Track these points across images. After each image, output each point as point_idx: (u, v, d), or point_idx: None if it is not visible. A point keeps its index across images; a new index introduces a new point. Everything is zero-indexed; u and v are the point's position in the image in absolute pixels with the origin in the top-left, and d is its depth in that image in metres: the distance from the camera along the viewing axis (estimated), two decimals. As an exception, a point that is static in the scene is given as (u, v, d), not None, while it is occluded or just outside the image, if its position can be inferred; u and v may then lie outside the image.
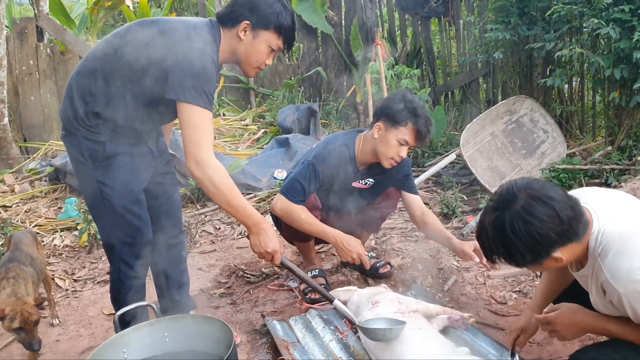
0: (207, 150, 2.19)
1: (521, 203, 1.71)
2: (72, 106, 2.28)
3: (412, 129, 2.88)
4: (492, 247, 1.80)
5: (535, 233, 1.68)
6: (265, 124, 7.66)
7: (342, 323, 2.79)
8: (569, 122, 6.04)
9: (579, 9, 4.76)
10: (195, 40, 2.18)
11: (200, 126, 2.17)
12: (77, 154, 2.31)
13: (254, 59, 2.36)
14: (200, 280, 3.61)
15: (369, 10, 8.20)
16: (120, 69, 2.21)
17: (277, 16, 2.29)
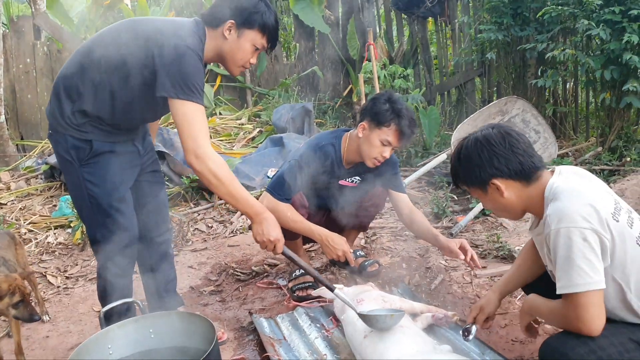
0: (205, 144, 2.22)
1: (484, 132, 1.99)
2: (59, 105, 2.31)
3: (395, 130, 2.91)
4: (452, 164, 2.09)
5: (481, 153, 1.94)
6: (260, 123, 7.69)
7: (328, 321, 2.83)
8: (563, 123, 6.08)
9: (570, 10, 4.79)
10: (182, 38, 2.21)
11: (195, 120, 2.20)
12: (64, 153, 2.34)
13: (239, 57, 2.39)
14: (190, 277, 3.65)
15: (366, 10, 8.24)
16: (107, 68, 2.24)
17: (261, 15, 2.32)
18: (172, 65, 2.16)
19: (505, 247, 3.59)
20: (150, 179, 2.67)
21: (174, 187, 5.29)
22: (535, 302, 2.03)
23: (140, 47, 2.21)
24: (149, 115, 2.49)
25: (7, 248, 2.93)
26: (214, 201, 5.12)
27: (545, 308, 1.95)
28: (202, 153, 2.20)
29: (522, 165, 1.91)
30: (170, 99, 2.18)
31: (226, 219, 4.81)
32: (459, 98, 7.50)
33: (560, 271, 1.75)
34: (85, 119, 2.29)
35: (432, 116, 6.27)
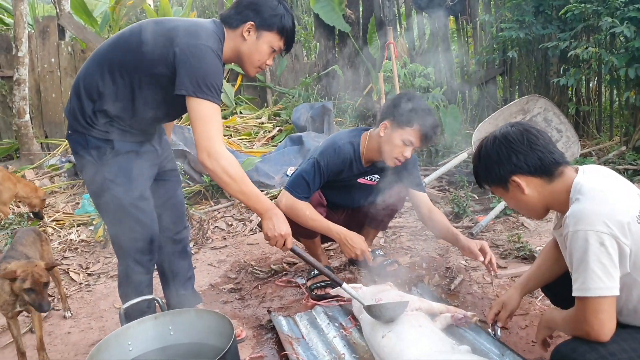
0: (219, 143, 2.24)
1: (503, 130, 1.98)
2: (80, 105, 2.33)
3: (418, 131, 2.88)
4: (474, 164, 2.07)
5: (499, 150, 1.94)
6: (280, 122, 7.71)
7: (346, 320, 2.83)
8: (586, 122, 5.99)
9: (593, 7, 4.72)
10: (203, 38, 2.23)
11: (211, 120, 2.22)
12: (84, 153, 2.37)
13: (257, 58, 2.42)
14: (210, 275, 3.67)
15: (386, 9, 8.20)
16: (127, 68, 2.27)
17: (280, 18, 2.36)
18: (192, 64, 2.18)
19: (526, 247, 3.55)
20: (167, 177, 2.71)
21: (194, 185, 5.33)
22: (552, 314, 2.03)
23: (160, 47, 2.23)
24: (169, 114, 2.52)
25: (32, 245, 2.97)
26: (234, 199, 5.14)
27: (560, 318, 1.94)
28: (215, 152, 2.21)
29: (541, 161, 1.88)
30: (188, 97, 2.20)
31: (246, 217, 4.83)
32: (480, 97, 7.43)
33: (575, 274, 1.72)
34: (106, 119, 2.31)
35: (453, 115, 6.23)
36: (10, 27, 8.53)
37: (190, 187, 5.30)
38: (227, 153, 2.25)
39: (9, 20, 9.35)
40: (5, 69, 7.41)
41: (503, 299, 2.37)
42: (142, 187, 2.44)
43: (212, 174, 2.26)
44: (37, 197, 4.76)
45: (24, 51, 6.70)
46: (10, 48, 7.16)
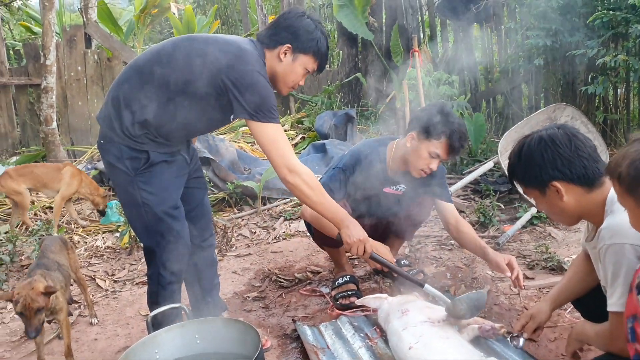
0: (293, 157, 2.38)
1: (549, 131, 1.91)
2: (118, 115, 2.35)
3: (445, 144, 2.85)
4: (511, 161, 2.00)
5: (544, 152, 1.86)
6: (303, 129, 7.72)
7: (372, 330, 2.80)
8: (614, 131, 5.90)
9: (622, 15, 4.65)
10: (250, 62, 2.30)
11: (279, 139, 2.35)
12: (117, 162, 2.39)
13: (291, 79, 2.49)
14: (234, 283, 3.68)
15: (409, 17, 8.19)
16: (171, 83, 2.30)
17: (316, 42, 2.43)
18: (248, 92, 2.27)
19: (554, 258, 3.50)
20: (195, 185, 2.74)
21: (218, 192, 5.36)
22: (584, 327, 1.97)
23: (208, 69, 2.28)
24: (207, 130, 2.63)
25: (60, 252, 2.99)
26: (257, 207, 5.16)
27: (592, 332, 1.89)
28: (294, 167, 2.34)
29: (585, 170, 1.83)
30: (251, 122, 2.30)
31: (269, 225, 4.84)
32: (505, 105, 7.37)
33: (610, 288, 1.68)
34: (143, 130, 2.34)
35: (478, 123, 6.18)
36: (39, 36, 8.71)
37: (214, 195, 5.32)
38: (304, 167, 2.38)
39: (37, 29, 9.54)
40: (34, 77, 7.55)
41: (532, 311, 2.33)
42: (174, 196, 2.48)
43: (294, 187, 2.37)
44: (99, 195, 5.02)
45: (51, 59, 6.81)
46: (39, 56, 7.30)
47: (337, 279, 3.28)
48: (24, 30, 10.56)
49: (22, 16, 11.02)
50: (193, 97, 2.31)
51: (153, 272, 2.56)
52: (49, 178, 4.94)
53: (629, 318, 1.58)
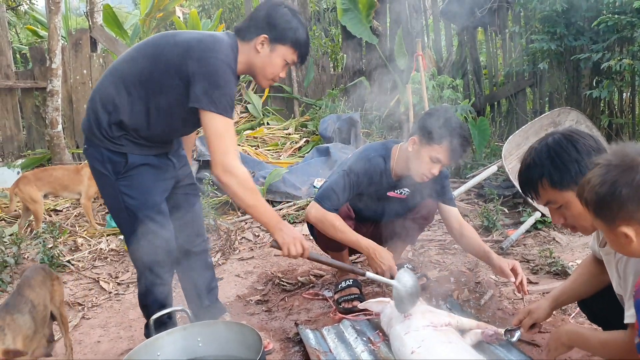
0: (234, 157, 2.29)
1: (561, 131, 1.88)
2: (96, 117, 2.35)
3: (446, 149, 2.83)
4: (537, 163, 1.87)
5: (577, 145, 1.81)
6: (307, 133, 7.73)
7: (374, 334, 2.80)
8: (619, 135, 5.88)
9: (627, 18, 4.64)
10: (216, 50, 2.26)
11: (226, 134, 2.26)
12: (99, 166, 2.39)
13: (270, 71, 2.43)
14: (237, 286, 3.68)
15: (414, 20, 8.19)
16: (141, 80, 2.30)
17: (294, 32, 2.37)
18: (206, 78, 2.21)
19: (558, 262, 3.48)
20: (185, 191, 2.72)
21: (222, 195, 5.36)
22: (581, 333, 1.92)
23: (175, 59, 2.26)
24: (184, 127, 2.54)
25: (42, 285, 2.57)
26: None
27: (595, 340, 1.84)
28: (230, 166, 2.26)
29: None
30: (202, 110, 2.23)
31: (273, 229, 4.83)
32: (509, 109, 7.36)
33: (630, 300, 1.64)
34: (121, 131, 2.33)
35: (482, 127, 6.18)
36: (45, 40, 8.74)
37: (217, 198, 5.33)
38: (241, 168, 2.29)
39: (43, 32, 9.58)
40: (40, 80, 7.59)
41: (531, 307, 2.33)
42: (158, 199, 2.45)
43: (226, 187, 2.29)
44: None
45: (57, 63, 6.84)
46: (44, 60, 7.33)
47: (340, 282, 3.28)
48: (31, 34, 10.60)
49: (28, 20, 11.08)
50: (162, 90, 2.28)
51: (140, 276, 2.57)
52: (69, 180, 4.96)
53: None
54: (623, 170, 1.49)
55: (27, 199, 4.79)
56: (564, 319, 2.93)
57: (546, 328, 2.84)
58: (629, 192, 1.46)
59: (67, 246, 4.63)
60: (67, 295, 3.70)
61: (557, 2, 5.21)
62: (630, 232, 1.50)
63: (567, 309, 3.02)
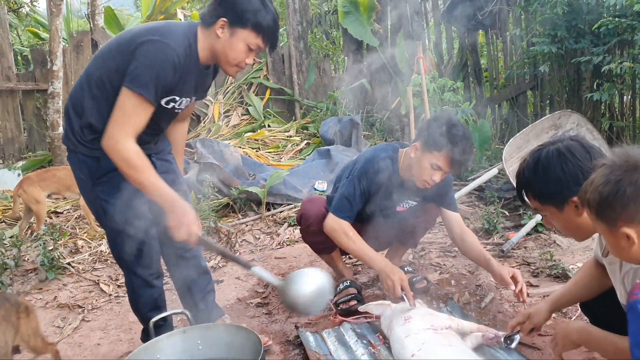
0: (127, 135, 2.16)
1: (565, 143, 1.83)
2: (69, 122, 2.36)
3: (446, 157, 2.78)
4: (525, 175, 1.91)
5: (564, 166, 1.80)
6: (308, 135, 7.73)
7: (375, 337, 2.79)
8: (620, 138, 5.87)
9: (628, 22, 4.64)
10: (161, 34, 2.19)
11: (131, 113, 2.17)
12: (78, 172, 2.38)
13: (232, 57, 2.30)
14: (237, 289, 3.67)
15: (415, 23, 8.19)
16: (103, 79, 2.28)
17: (254, 14, 2.22)
18: (139, 58, 2.15)
19: (559, 265, 3.48)
20: None
21: (222, 198, 5.36)
22: (592, 333, 1.89)
23: (125, 53, 2.21)
24: (155, 127, 2.43)
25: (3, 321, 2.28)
26: (262, 213, 5.16)
27: (607, 343, 1.79)
28: (119, 142, 2.15)
29: None
30: (123, 87, 2.16)
31: (273, 231, 4.84)
32: (510, 111, 7.35)
33: None
34: (93, 134, 2.30)
35: (483, 130, 6.17)
36: (46, 42, 8.75)
37: (218, 200, 5.33)
38: (131, 147, 2.17)
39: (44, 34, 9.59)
40: (41, 82, 7.60)
41: (530, 311, 2.32)
42: (136, 204, 2.39)
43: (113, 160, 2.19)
44: None
45: (58, 65, 6.84)
46: (46, 62, 7.33)
47: (338, 285, 3.27)
48: (32, 36, 10.61)
49: (30, 22, 11.10)
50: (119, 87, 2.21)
51: (126, 280, 2.60)
52: (72, 180, 4.92)
53: None
54: (627, 170, 1.50)
55: (31, 200, 4.78)
56: (564, 321, 2.92)
57: (546, 331, 2.84)
58: (632, 192, 1.47)
59: (68, 248, 4.63)
60: (67, 298, 3.71)
61: (558, 5, 5.20)
62: (632, 234, 1.51)
63: (567, 311, 3.02)
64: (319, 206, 3.16)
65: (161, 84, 2.19)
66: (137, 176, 2.20)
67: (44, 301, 3.70)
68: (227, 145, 6.29)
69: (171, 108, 2.37)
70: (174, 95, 2.32)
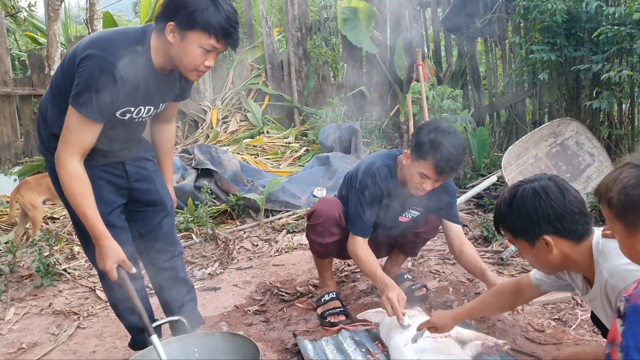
0: (71, 153, 2.16)
1: (542, 182, 1.89)
2: (39, 131, 2.37)
3: (432, 165, 2.73)
4: (501, 210, 1.97)
5: (538, 205, 1.84)
6: (307, 142, 7.72)
7: (373, 345, 2.77)
8: (619, 146, 5.87)
9: (627, 30, 4.64)
10: (101, 48, 2.13)
11: (76, 131, 2.14)
12: (54, 179, 2.34)
13: (187, 62, 2.19)
14: (235, 296, 3.65)
15: (414, 31, 8.21)
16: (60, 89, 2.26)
17: (201, 13, 2.08)
18: (80, 74, 2.11)
19: (558, 274, 3.45)
20: (145, 209, 2.63)
21: (220, 204, 5.34)
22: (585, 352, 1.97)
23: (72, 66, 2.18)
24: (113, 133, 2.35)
25: None
26: (260, 219, 5.13)
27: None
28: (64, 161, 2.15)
29: (576, 225, 1.83)
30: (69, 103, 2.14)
31: (271, 238, 4.81)
32: (509, 119, 7.35)
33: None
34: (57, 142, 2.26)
35: (481, 137, 6.17)
36: (44, 47, 8.73)
37: (216, 207, 5.30)
38: (72, 165, 2.16)
39: (42, 39, 9.58)
40: (38, 87, 7.57)
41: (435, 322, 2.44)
42: (104, 212, 2.33)
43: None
44: None
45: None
46: (43, 67, 7.32)
47: (323, 295, 3.25)
48: (30, 41, 10.61)
49: (28, 27, 11.09)
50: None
51: (103, 286, 2.61)
52: None
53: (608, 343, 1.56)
54: None
55: (27, 205, 4.74)
56: (564, 330, 2.90)
57: (546, 340, 2.82)
58: None
59: (64, 254, 4.59)
60: (63, 304, 3.67)
61: (557, 13, 5.20)
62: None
63: (567, 320, 3.00)
64: (333, 209, 3.10)
65: (103, 100, 2.13)
66: (71, 201, 2.20)
67: (39, 308, 3.67)
68: (225, 151, 6.26)
69: (129, 119, 2.31)
70: (127, 106, 2.26)
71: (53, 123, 2.28)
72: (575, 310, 3.08)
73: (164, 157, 2.77)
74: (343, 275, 3.86)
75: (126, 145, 2.48)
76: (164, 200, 2.67)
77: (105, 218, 2.33)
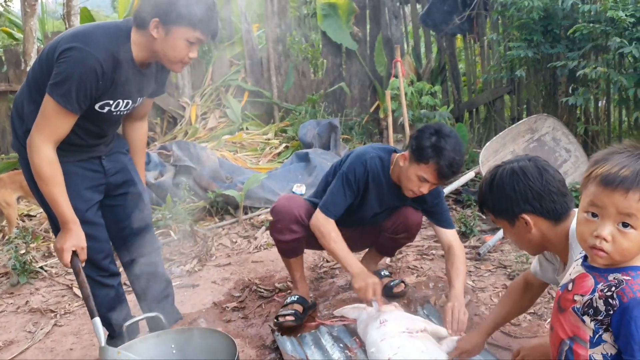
0: (44, 140, 2.17)
1: (520, 163, 1.95)
2: (14, 127, 2.36)
3: (433, 169, 2.70)
4: (482, 190, 2.05)
5: (516, 185, 1.90)
6: (287, 138, 7.71)
7: (351, 341, 2.78)
8: (595, 142, 5.95)
9: (602, 27, 4.70)
10: (83, 41, 2.15)
11: (51, 119, 2.16)
12: (28, 175, 2.34)
13: (172, 55, 2.24)
14: (213, 293, 3.64)
15: (393, 27, 8.24)
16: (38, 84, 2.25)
17: (185, 8, 2.14)
18: (60, 65, 2.13)
19: (534, 268, 3.50)
20: (122, 202, 2.63)
21: (199, 201, 5.31)
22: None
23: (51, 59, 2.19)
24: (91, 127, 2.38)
25: None
26: (239, 216, 5.12)
27: None
28: (36, 145, 2.16)
29: (554, 204, 1.88)
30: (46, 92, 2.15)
31: (250, 235, 4.80)
32: (488, 115, 7.41)
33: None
34: None
35: (460, 133, 6.17)
36: (20, 42, 8.59)
37: (195, 203, 5.27)
38: (47, 153, 2.18)
39: (18, 35, 9.43)
40: (14, 83, 7.44)
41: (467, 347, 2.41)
42: (80, 208, 2.35)
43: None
44: None
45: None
46: (19, 63, 7.20)
47: (291, 296, 3.19)
48: (6, 36, 10.43)
49: (4, 22, 10.90)
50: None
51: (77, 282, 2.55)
52: None
53: (564, 340, 1.58)
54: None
55: (2, 203, 4.68)
56: (539, 324, 2.94)
57: (522, 333, 2.86)
58: None
59: (40, 252, 4.54)
60: (39, 302, 3.64)
61: (534, 10, 5.25)
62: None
63: (543, 314, 3.04)
64: (293, 206, 3.01)
65: (83, 92, 2.16)
66: (42, 186, 2.23)
67: (15, 306, 3.63)
68: (204, 147, 6.23)
69: (107, 112, 2.33)
70: (106, 99, 2.29)
71: (29, 119, 2.25)
72: (550, 304, 3.12)
73: (137, 156, 2.78)
74: (322, 272, 3.87)
75: (103, 140, 2.49)
76: (140, 192, 2.69)
77: (83, 215, 2.35)
